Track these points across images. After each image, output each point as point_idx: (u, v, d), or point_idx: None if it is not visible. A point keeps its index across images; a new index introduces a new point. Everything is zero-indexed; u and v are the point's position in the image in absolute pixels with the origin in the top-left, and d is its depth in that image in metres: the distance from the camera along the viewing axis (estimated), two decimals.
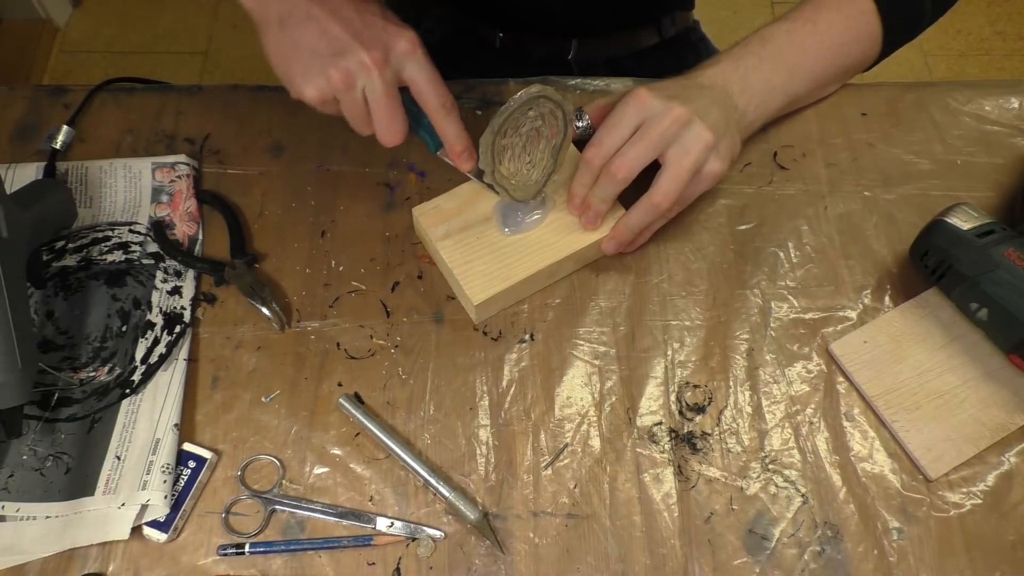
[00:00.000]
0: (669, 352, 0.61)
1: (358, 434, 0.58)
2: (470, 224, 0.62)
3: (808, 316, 0.62)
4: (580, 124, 0.65)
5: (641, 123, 0.58)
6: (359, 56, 0.52)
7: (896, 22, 0.67)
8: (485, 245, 0.61)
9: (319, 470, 0.57)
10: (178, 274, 0.63)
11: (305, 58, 0.53)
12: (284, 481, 0.56)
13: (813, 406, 0.59)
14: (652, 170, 0.59)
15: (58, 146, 0.67)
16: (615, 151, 0.58)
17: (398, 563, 0.54)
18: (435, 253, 0.62)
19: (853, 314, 0.62)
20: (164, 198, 0.66)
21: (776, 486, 0.56)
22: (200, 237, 0.65)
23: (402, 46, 0.54)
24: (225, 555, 0.54)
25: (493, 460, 0.57)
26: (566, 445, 0.58)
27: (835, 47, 0.67)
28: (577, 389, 0.60)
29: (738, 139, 0.62)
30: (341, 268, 0.64)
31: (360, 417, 0.57)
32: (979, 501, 0.56)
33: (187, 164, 0.67)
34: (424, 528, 0.55)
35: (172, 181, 0.66)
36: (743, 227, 0.66)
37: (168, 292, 0.62)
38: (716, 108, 0.59)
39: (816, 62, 0.67)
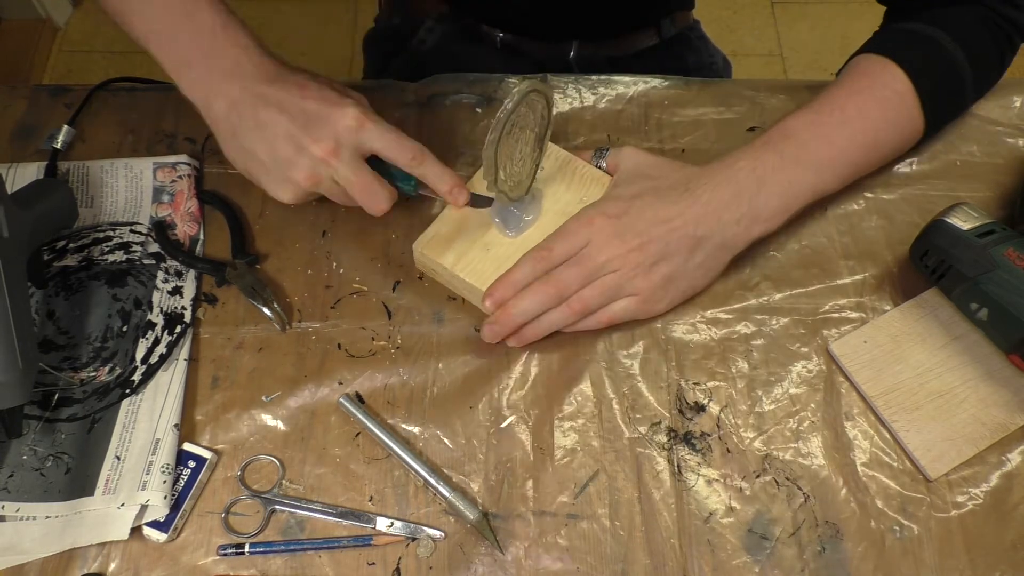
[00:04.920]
0: (669, 352, 0.61)
1: (358, 434, 0.58)
2: (474, 240, 0.62)
3: (808, 316, 0.62)
4: (602, 165, 0.65)
5: (586, 244, 0.58)
6: (312, 152, 0.54)
7: (936, 98, 0.62)
8: (493, 256, 0.61)
9: (319, 470, 0.57)
10: (179, 274, 0.63)
11: (268, 167, 0.56)
12: (284, 481, 0.56)
13: (813, 406, 0.59)
14: None
15: (59, 146, 0.67)
16: (556, 264, 0.58)
17: (398, 563, 0.54)
18: (452, 279, 0.62)
19: (853, 314, 0.62)
20: (165, 198, 0.66)
21: (776, 486, 0.56)
22: (201, 237, 0.65)
23: (347, 124, 0.54)
24: (225, 555, 0.54)
25: (493, 460, 0.57)
26: (566, 445, 0.58)
27: (868, 135, 0.61)
28: (577, 389, 0.60)
29: (690, 286, 0.60)
30: (342, 269, 0.64)
31: (360, 417, 0.57)
32: (979, 501, 0.56)
33: (188, 164, 0.67)
34: (424, 528, 0.55)
35: (173, 181, 0.66)
36: None
37: (169, 292, 0.62)
38: (683, 252, 0.58)
39: (846, 155, 0.61)
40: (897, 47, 0.63)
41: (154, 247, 0.64)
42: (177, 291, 0.62)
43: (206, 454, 0.56)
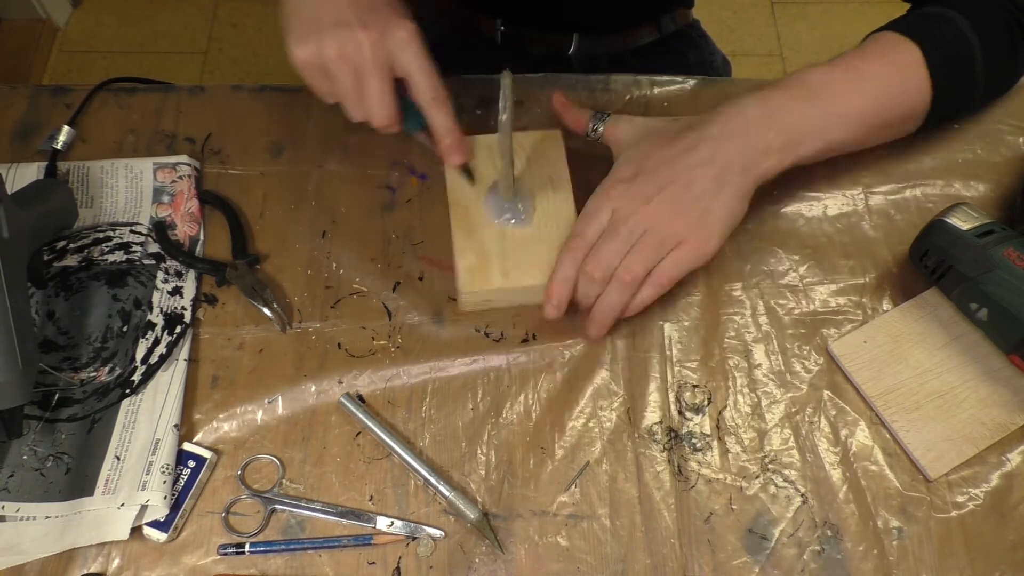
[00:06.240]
0: (669, 352, 0.61)
1: (358, 434, 0.58)
2: (502, 252, 0.61)
3: (808, 316, 0.62)
4: (599, 129, 0.64)
5: (612, 214, 0.57)
6: (355, 31, 0.53)
7: (946, 77, 0.62)
8: (533, 253, 0.61)
9: (319, 470, 0.57)
10: (179, 274, 0.63)
11: (307, 22, 0.54)
12: (284, 481, 0.56)
13: (813, 406, 0.59)
14: None
15: (59, 146, 0.67)
16: (592, 245, 0.57)
17: (398, 562, 0.54)
18: (512, 294, 0.61)
19: (853, 314, 0.62)
20: (165, 198, 0.66)
21: (776, 486, 0.56)
22: (201, 237, 0.65)
23: (400, 35, 0.54)
24: (225, 555, 0.54)
25: (493, 460, 0.57)
26: (566, 445, 0.58)
27: (879, 96, 0.61)
28: (577, 389, 0.60)
29: (729, 214, 0.58)
30: (342, 270, 0.64)
31: (361, 416, 0.57)
32: (979, 501, 0.56)
33: (188, 164, 0.67)
34: (424, 527, 0.55)
35: (173, 181, 0.66)
36: (742, 227, 0.66)
37: (169, 292, 0.62)
38: (707, 182, 0.56)
39: (857, 109, 0.61)
40: (912, 25, 0.64)
41: (154, 247, 0.64)
42: (177, 291, 0.62)
43: (206, 454, 0.56)
